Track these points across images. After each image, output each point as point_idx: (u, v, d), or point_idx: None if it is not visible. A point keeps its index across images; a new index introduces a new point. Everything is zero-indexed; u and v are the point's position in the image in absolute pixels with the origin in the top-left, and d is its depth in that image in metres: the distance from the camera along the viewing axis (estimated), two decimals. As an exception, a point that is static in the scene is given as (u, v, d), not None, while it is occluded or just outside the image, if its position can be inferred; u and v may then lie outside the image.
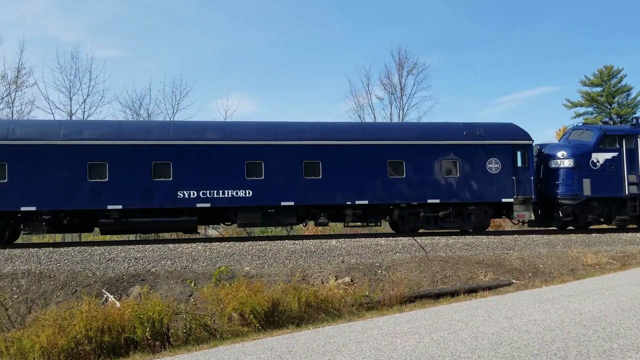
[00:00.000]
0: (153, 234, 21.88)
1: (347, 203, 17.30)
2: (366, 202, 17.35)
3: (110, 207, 15.92)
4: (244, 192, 16.66)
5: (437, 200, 17.66)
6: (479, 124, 18.75)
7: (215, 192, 16.47)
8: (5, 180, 15.39)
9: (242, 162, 16.76)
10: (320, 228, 25.10)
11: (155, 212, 16.40)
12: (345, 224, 18.30)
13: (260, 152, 16.94)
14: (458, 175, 17.82)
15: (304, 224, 18.65)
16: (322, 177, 17.13)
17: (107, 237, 23.09)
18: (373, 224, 18.50)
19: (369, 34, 78.82)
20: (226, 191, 16.56)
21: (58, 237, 24.29)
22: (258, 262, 13.65)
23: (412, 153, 17.71)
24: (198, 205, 16.36)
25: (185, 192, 16.30)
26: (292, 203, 16.93)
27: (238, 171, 16.68)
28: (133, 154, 16.15)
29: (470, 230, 18.01)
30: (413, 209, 17.80)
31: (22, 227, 16.18)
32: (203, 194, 16.38)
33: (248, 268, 13.07)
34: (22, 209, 15.51)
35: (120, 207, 15.95)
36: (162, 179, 16.23)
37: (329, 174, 17.16)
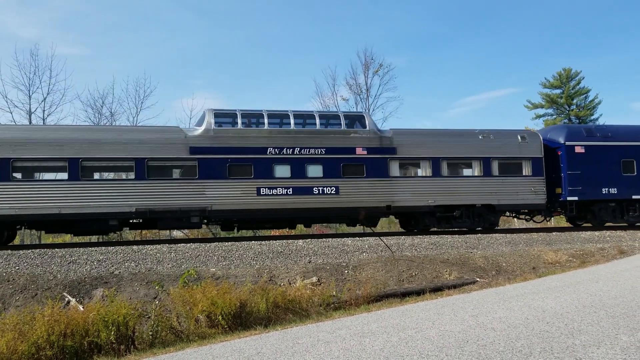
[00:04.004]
0: (116, 236, 21.51)
1: None
2: None
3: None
4: None
5: None
6: None
7: None
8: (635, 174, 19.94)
9: None
10: (286, 229, 25.03)
11: None
12: None
13: None
14: None
15: None
16: None
17: (67, 239, 22.61)
18: None
19: (335, 35, 79.23)
20: None
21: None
22: (224, 263, 13.52)
23: None
24: None
25: None
26: None
27: None
28: None
29: None
30: None
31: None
32: None
33: (214, 269, 12.93)
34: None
35: None
36: None
37: None
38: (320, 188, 17.69)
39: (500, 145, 19.40)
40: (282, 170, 17.53)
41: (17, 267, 12.53)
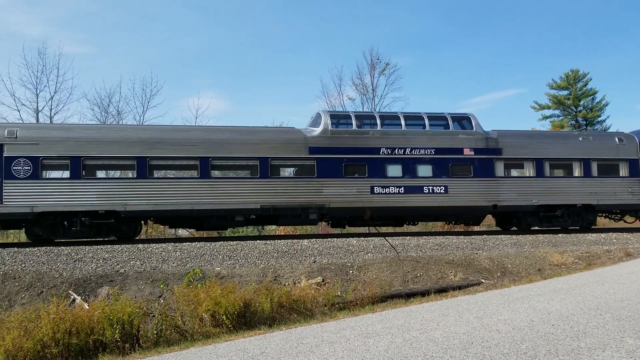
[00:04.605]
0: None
1: None
2: None
3: None
4: None
5: None
6: None
7: None
8: None
9: None
10: (291, 228, 25.14)
11: None
12: None
13: None
14: None
15: None
16: None
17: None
18: None
19: (337, 35, 79.19)
20: None
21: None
22: (229, 262, 13.54)
23: None
24: None
25: None
26: None
27: None
28: None
29: None
30: None
31: None
32: None
33: (219, 268, 12.95)
34: None
35: None
36: None
37: None
38: (430, 187, 18.39)
39: (599, 146, 20.05)
40: (394, 170, 18.26)
41: (23, 265, 12.59)
